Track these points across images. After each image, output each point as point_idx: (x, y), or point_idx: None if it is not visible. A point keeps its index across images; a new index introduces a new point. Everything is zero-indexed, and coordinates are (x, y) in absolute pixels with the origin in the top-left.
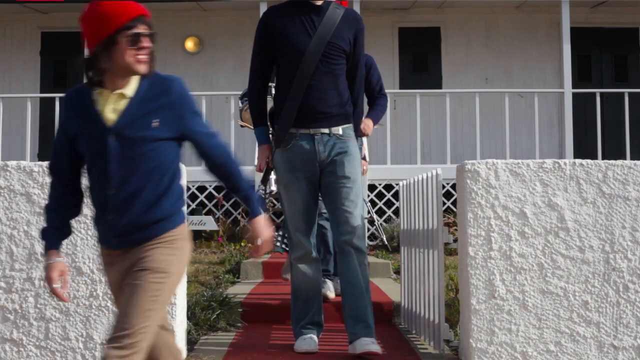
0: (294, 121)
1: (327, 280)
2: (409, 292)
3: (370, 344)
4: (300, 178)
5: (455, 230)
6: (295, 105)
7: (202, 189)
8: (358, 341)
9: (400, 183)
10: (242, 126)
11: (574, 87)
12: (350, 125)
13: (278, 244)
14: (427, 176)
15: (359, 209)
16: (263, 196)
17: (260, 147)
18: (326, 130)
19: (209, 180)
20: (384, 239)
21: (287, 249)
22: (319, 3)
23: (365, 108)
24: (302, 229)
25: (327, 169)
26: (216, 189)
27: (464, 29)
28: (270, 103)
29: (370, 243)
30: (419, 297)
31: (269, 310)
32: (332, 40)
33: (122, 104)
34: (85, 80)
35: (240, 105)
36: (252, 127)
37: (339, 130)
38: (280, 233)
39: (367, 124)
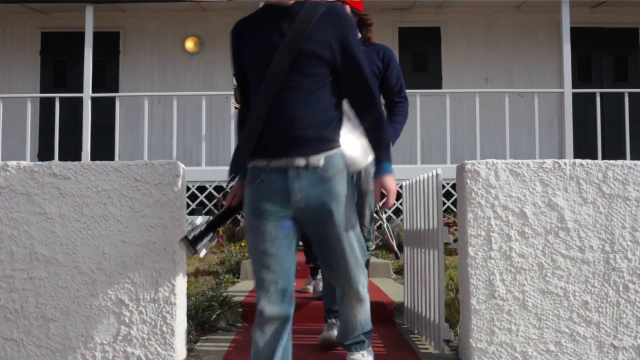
0: (263, 151)
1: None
2: (412, 292)
3: (360, 358)
4: (269, 220)
5: (455, 230)
6: (255, 129)
7: (202, 189)
8: (348, 355)
9: (404, 183)
10: (236, 108)
11: (574, 87)
12: (336, 153)
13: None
14: (427, 176)
15: (356, 253)
16: (188, 238)
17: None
18: (302, 162)
19: (209, 180)
20: (394, 244)
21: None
22: (290, 3)
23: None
24: (270, 287)
25: (307, 217)
26: (216, 189)
27: (464, 29)
28: None
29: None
30: (421, 297)
31: None
32: (304, 47)
33: None
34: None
35: (235, 83)
36: None
37: (319, 160)
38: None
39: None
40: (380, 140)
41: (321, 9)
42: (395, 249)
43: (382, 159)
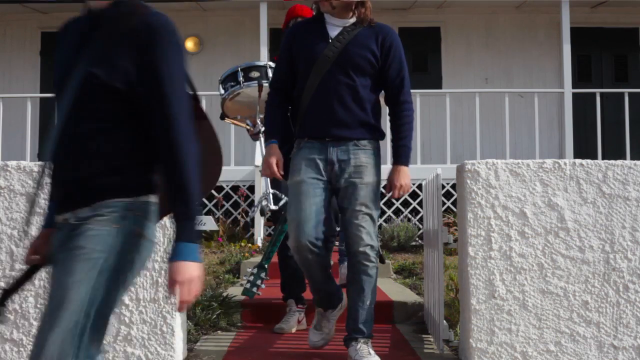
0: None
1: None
2: (426, 291)
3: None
4: None
5: (455, 230)
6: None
7: None
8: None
9: (422, 183)
10: (227, 119)
11: (574, 87)
12: (120, 203)
13: (249, 285)
14: (432, 176)
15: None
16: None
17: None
18: (68, 215)
19: None
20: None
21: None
22: (103, 5)
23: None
24: None
25: None
26: (216, 189)
27: (464, 29)
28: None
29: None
30: (429, 297)
31: (269, 310)
32: (93, 69)
33: None
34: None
35: (222, 92)
36: (238, 123)
37: (77, 214)
38: (255, 271)
39: (401, 180)
40: (183, 212)
41: (131, 22)
42: (380, 252)
43: (181, 239)
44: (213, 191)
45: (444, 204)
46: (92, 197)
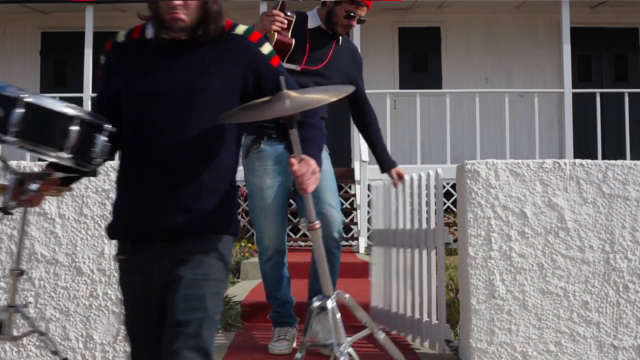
0: None
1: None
2: (387, 292)
3: None
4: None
5: (455, 230)
6: None
7: None
8: None
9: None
10: None
11: (574, 87)
12: None
13: None
14: (421, 176)
15: None
16: None
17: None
18: None
19: None
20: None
21: None
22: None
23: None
24: None
25: None
26: None
27: (464, 29)
28: None
29: (370, 243)
30: (407, 298)
31: (269, 310)
32: None
33: None
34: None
35: None
36: None
37: None
38: None
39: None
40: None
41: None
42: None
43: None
44: None
45: (444, 204)
46: None
